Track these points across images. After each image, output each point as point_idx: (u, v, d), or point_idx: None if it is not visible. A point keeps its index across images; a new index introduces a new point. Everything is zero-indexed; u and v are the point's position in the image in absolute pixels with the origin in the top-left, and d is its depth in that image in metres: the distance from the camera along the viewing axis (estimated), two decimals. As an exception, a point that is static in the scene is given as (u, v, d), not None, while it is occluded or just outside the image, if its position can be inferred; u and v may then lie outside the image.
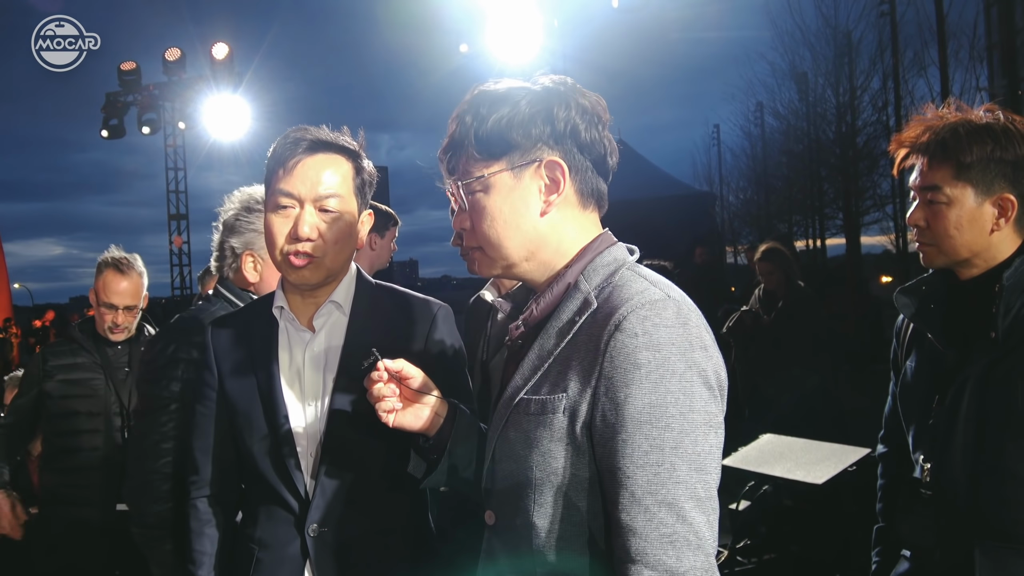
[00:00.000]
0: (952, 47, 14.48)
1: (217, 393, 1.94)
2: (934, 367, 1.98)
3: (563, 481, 1.33)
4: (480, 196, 1.43)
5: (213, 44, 15.14)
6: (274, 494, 1.85)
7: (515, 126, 1.39)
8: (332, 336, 1.90)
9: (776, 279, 6.12)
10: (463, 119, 1.44)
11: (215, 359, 1.95)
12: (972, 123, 1.87)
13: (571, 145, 1.41)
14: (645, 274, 1.40)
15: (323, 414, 1.84)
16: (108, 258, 3.60)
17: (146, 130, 16.26)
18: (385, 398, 1.56)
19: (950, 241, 1.90)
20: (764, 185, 26.27)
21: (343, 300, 1.92)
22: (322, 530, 1.81)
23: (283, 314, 1.91)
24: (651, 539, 1.22)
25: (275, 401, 1.84)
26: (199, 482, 1.96)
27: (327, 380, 1.86)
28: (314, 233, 1.79)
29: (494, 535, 1.47)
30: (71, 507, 3.52)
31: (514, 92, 1.42)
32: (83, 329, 3.72)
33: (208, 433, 1.95)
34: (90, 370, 3.61)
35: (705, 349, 1.29)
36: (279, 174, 1.81)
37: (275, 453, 1.84)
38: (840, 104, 19.00)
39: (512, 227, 1.42)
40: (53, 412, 3.55)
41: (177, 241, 19.75)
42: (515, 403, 1.40)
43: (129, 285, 3.58)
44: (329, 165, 1.83)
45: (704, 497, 1.25)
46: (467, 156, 1.44)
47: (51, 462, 3.59)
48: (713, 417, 1.28)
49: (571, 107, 1.40)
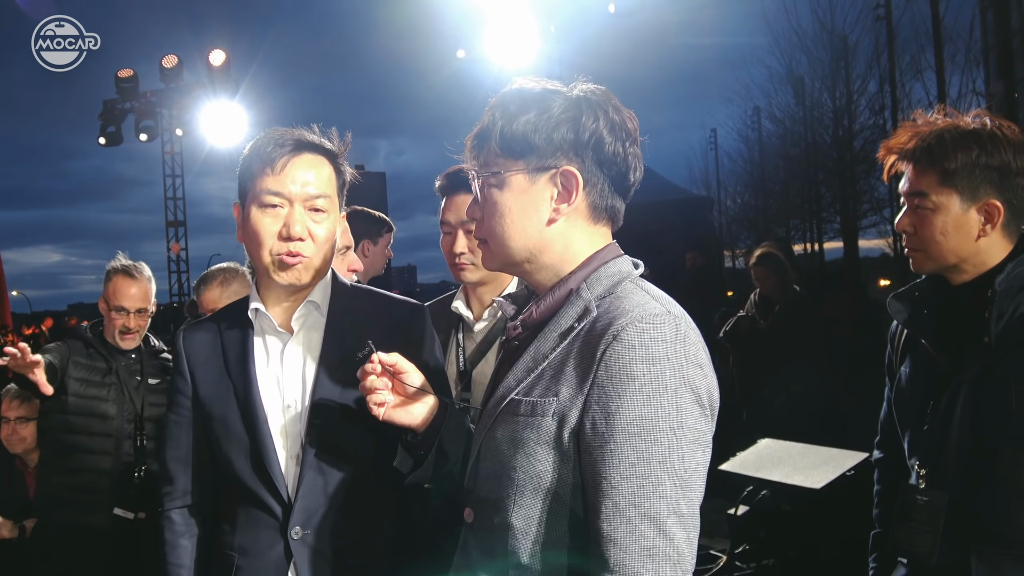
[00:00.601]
0: (948, 50, 14.54)
1: (191, 400, 1.92)
2: (928, 373, 1.97)
3: (545, 485, 1.34)
4: (494, 191, 1.45)
5: (210, 51, 15.13)
6: (255, 498, 1.83)
7: (540, 130, 1.40)
8: (311, 336, 1.90)
9: (771, 283, 6.12)
10: (493, 113, 1.46)
11: (188, 365, 1.93)
12: (959, 129, 1.87)
13: (591, 157, 1.41)
14: (647, 288, 1.40)
15: (303, 415, 1.83)
16: (117, 264, 3.67)
17: (143, 137, 16.24)
18: (377, 391, 1.58)
19: (937, 247, 1.90)
20: (761, 189, 26.31)
21: (320, 300, 1.91)
22: (305, 532, 1.79)
23: (258, 316, 1.89)
24: (630, 551, 1.23)
25: (253, 404, 1.83)
26: (173, 492, 1.94)
27: (307, 381, 1.86)
28: (305, 233, 1.79)
29: (471, 533, 1.48)
30: (74, 511, 3.52)
31: (549, 95, 1.43)
32: (94, 333, 3.74)
33: (181, 443, 1.93)
34: (103, 374, 3.63)
35: (700, 367, 1.30)
36: (266, 173, 1.79)
37: (255, 457, 1.82)
38: (837, 108, 19.04)
39: (518, 227, 1.43)
40: (69, 409, 3.55)
41: (175, 248, 19.73)
42: (505, 403, 1.41)
43: (139, 289, 3.64)
44: (316, 166, 1.83)
45: (687, 514, 1.25)
46: (489, 150, 1.46)
47: (58, 462, 3.58)
48: (702, 435, 1.29)
49: (599, 118, 1.40)
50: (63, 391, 3.51)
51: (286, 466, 1.82)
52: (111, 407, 3.60)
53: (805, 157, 20.71)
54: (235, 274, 3.67)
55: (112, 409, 3.60)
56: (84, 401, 3.56)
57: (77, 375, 3.58)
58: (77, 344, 3.68)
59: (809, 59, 19.55)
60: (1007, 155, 1.82)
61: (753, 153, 27.18)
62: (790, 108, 21.29)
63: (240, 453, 1.84)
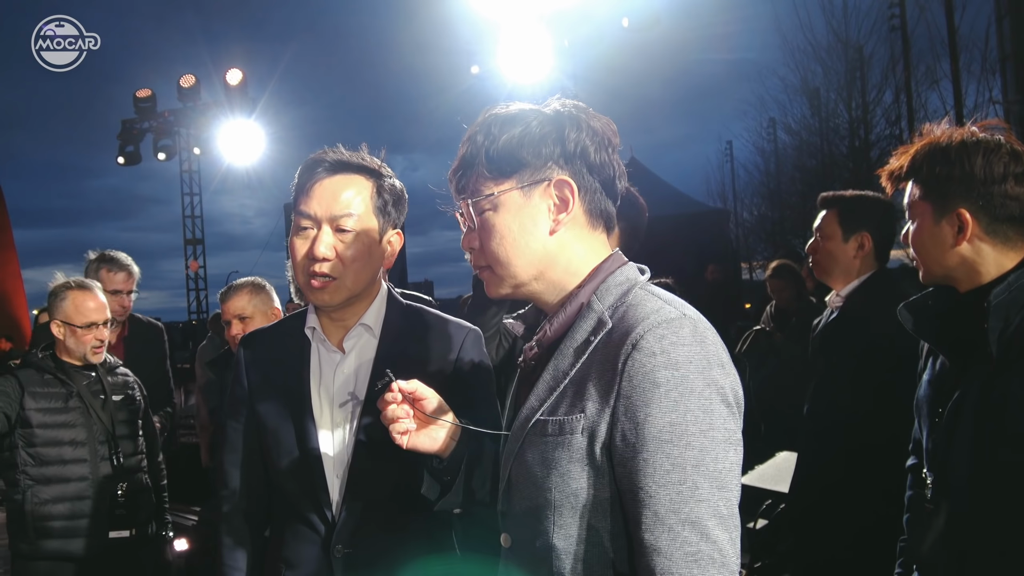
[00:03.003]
0: (964, 60, 14.47)
1: (248, 409, 1.95)
2: (939, 381, 1.98)
3: (583, 502, 1.32)
4: (489, 214, 1.44)
5: (227, 70, 15.31)
6: (301, 514, 1.86)
7: (526, 145, 1.40)
8: (362, 358, 1.91)
9: (787, 296, 6.11)
10: (475, 139, 1.45)
11: (246, 375, 1.97)
12: (933, 143, 1.90)
13: (581, 165, 1.41)
14: (658, 293, 1.39)
15: (351, 437, 1.85)
16: (68, 281, 3.58)
17: (162, 156, 16.42)
18: (399, 419, 1.55)
19: (922, 258, 1.96)
20: (778, 201, 26.20)
21: (373, 322, 1.92)
22: (347, 551, 1.81)
23: (315, 335, 1.92)
24: (675, 558, 1.21)
25: (305, 423, 1.85)
26: (230, 495, 1.98)
27: (356, 403, 1.87)
28: (331, 253, 1.80)
29: (511, 558, 1.46)
30: (59, 541, 3.41)
31: (526, 113, 1.44)
32: (47, 358, 3.60)
33: (238, 448, 1.97)
34: (65, 399, 3.51)
35: (723, 367, 1.29)
36: (300, 198, 1.84)
37: (303, 474, 1.84)
38: (853, 119, 19.00)
39: (521, 245, 1.42)
40: (37, 441, 3.43)
41: (193, 265, 19.91)
42: (531, 425, 1.39)
43: (98, 301, 3.57)
44: (348, 185, 1.84)
45: (726, 515, 1.25)
46: (477, 175, 1.45)
47: (35, 495, 3.41)
48: (732, 434, 1.28)
49: (582, 128, 1.41)
50: (26, 424, 3.42)
51: (332, 485, 1.85)
52: (80, 432, 3.48)
53: (821, 168, 20.63)
54: (262, 287, 3.69)
55: (82, 434, 3.48)
56: (51, 431, 3.44)
57: (37, 406, 3.44)
58: (29, 373, 3.53)
59: (824, 70, 19.55)
60: (974, 164, 1.82)
61: (769, 165, 27.11)
62: (806, 119, 21.28)
63: (290, 468, 1.86)
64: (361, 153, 1.90)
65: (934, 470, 1.91)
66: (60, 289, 3.55)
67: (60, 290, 3.55)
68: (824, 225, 2.99)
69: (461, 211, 1.51)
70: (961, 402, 1.83)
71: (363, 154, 1.90)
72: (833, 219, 2.97)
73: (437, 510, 1.68)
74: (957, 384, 1.87)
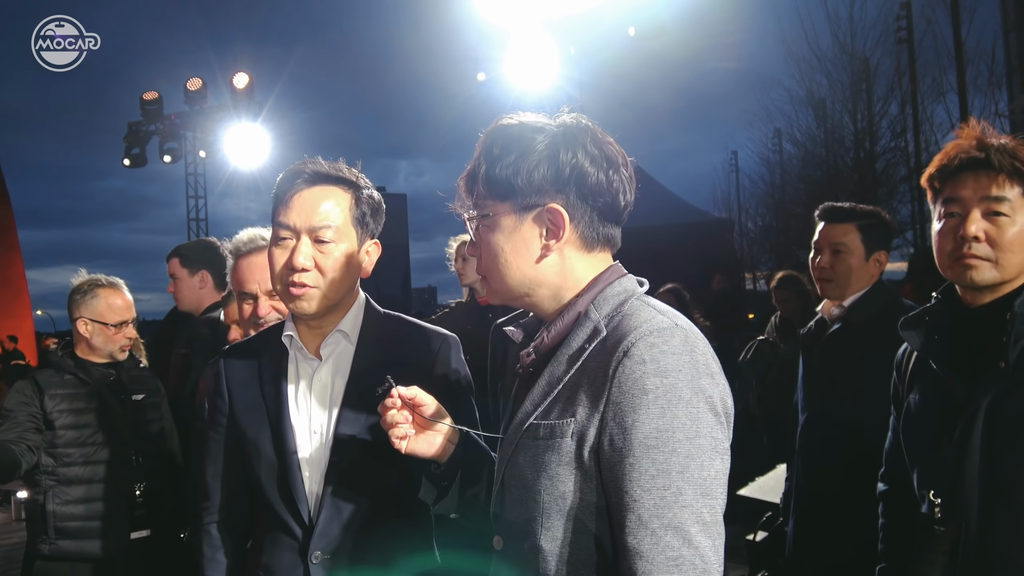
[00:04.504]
0: (970, 73, 14.47)
1: (228, 419, 1.97)
2: (940, 400, 1.92)
3: (570, 506, 1.35)
4: (486, 232, 1.49)
5: (234, 74, 15.32)
6: (279, 521, 1.87)
7: (519, 173, 1.42)
8: (338, 365, 1.93)
9: (792, 306, 6.10)
10: (480, 156, 1.49)
11: (227, 386, 1.98)
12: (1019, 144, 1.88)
13: (574, 192, 1.43)
14: (654, 304, 1.42)
15: (328, 442, 1.87)
16: (99, 279, 3.56)
17: (167, 159, 16.43)
18: (398, 425, 1.59)
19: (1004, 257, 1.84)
20: (783, 211, 26.22)
21: (350, 329, 1.95)
22: (324, 557, 1.82)
23: (292, 343, 1.95)
24: (657, 562, 1.23)
25: (283, 429, 1.88)
26: (211, 507, 1.99)
27: (332, 409, 1.89)
28: (309, 263, 1.82)
29: (502, 560, 1.49)
30: (78, 541, 3.40)
31: (526, 134, 1.45)
32: (67, 356, 3.57)
33: (219, 459, 1.99)
34: (87, 400, 3.48)
35: (712, 376, 1.31)
36: (279, 208, 1.87)
37: (281, 480, 1.86)
38: (858, 130, 19.02)
39: (512, 266, 1.47)
40: (59, 443, 3.41)
41: (197, 268, 19.89)
42: (525, 428, 1.42)
43: (126, 300, 3.57)
44: (326, 197, 1.87)
45: (710, 522, 1.26)
46: (478, 192, 1.50)
47: (56, 496, 3.39)
48: (719, 443, 1.30)
49: (576, 153, 1.42)
50: (49, 426, 3.38)
51: (310, 491, 1.86)
52: (101, 432, 3.46)
53: (826, 179, 20.65)
54: None
55: (102, 434, 3.46)
56: (72, 432, 3.41)
57: (60, 407, 3.40)
58: (47, 374, 3.49)
59: (830, 82, 19.62)
60: None
61: (774, 175, 27.17)
62: (811, 130, 21.34)
63: (268, 475, 1.88)
64: (339, 164, 1.93)
65: (943, 492, 1.86)
66: (89, 287, 3.53)
67: (89, 287, 3.52)
68: (848, 241, 2.97)
69: (467, 216, 1.55)
70: (973, 418, 1.79)
71: (341, 165, 1.93)
72: (856, 236, 2.96)
73: (433, 514, 1.71)
74: (967, 400, 1.82)
